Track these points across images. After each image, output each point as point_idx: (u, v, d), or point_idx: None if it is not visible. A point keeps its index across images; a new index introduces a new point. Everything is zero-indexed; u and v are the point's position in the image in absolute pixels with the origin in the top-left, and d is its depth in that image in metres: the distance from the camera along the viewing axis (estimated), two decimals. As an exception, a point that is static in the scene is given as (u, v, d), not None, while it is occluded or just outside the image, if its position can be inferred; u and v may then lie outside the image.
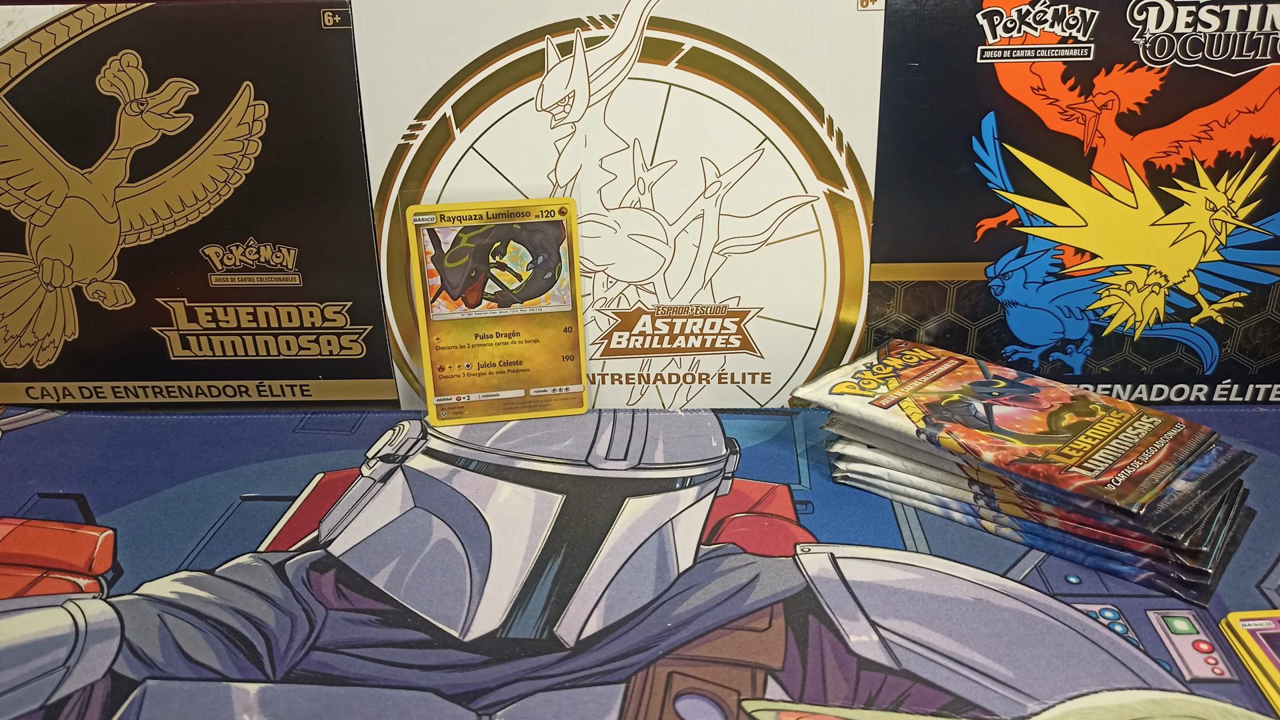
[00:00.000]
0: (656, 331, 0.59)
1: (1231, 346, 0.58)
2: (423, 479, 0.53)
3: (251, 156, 0.56)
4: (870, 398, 0.51)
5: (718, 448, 0.56)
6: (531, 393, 0.59)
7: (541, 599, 0.43)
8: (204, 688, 0.39)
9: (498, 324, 0.57)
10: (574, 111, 0.54)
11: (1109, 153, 0.54)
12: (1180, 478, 0.44)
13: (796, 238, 0.57)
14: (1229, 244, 0.56)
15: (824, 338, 0.59)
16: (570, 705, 0.37)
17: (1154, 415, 0.50)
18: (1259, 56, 0.52)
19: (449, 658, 0.40)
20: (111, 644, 0.41)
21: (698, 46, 0.53)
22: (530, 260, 0.56)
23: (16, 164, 0.56)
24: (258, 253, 0.57)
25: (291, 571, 0.46)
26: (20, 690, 0.38)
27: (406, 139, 0.55)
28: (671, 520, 0.49)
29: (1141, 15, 0.52)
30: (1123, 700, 0.37)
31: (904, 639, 0.40)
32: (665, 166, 0.55)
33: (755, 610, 0.42)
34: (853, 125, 0.54)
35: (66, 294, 0.58)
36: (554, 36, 0.53)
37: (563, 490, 0.52)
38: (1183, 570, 0.42)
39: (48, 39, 0.53)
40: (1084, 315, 0.58)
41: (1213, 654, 0.39)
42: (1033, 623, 0.41)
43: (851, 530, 0.48)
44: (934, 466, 0.49)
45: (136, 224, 0.57)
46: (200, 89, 0.54)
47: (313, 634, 0.41)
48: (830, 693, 0.38)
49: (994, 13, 0.52)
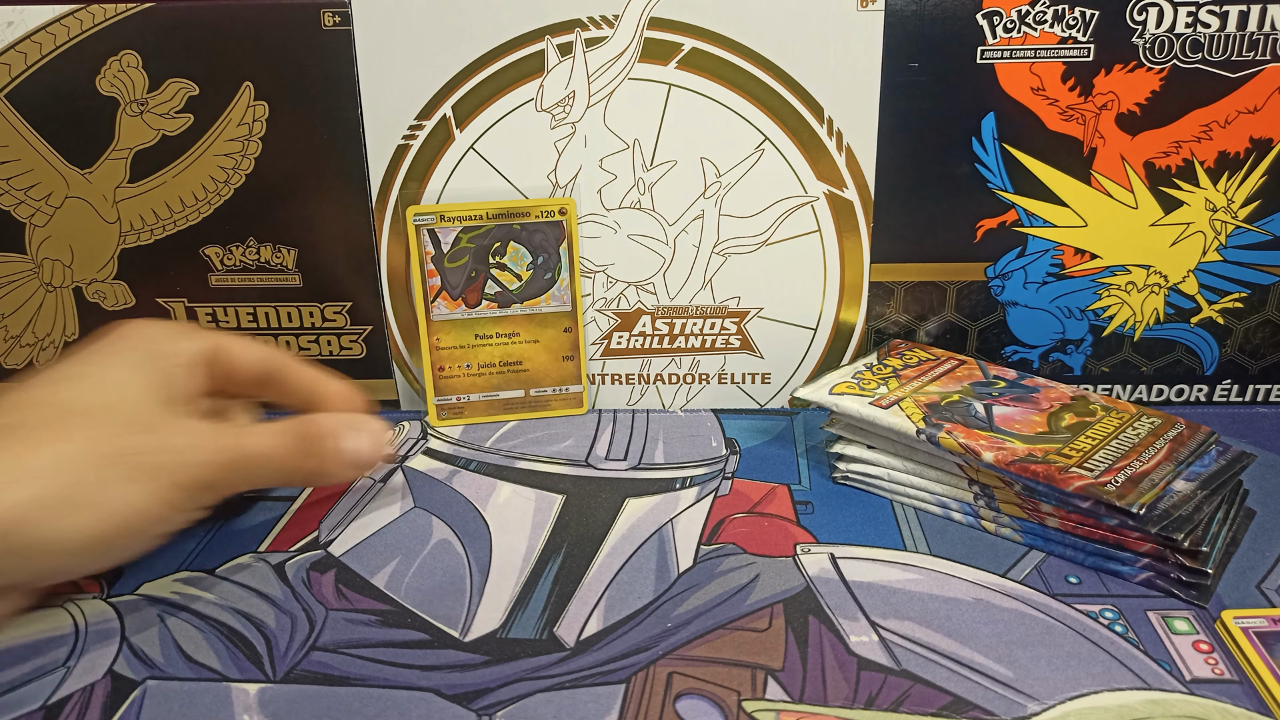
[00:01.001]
0: (656, 332, 0.59)
1: (1231, 347, 0.58)
2: (423, 479, 0.53)
3: (251, 156, 0.56)
4: (870, 398, 0.51)
5: (718, 448, 0.56)
6: (531, 393, 0.59)
7: (541, 599, 0.43)
8: (204, 688, 0.39)
9: (498, 324, 0.57)
10: (574, 112, 0.55)
11: (1109, 153, 0.54)
12: (1180, 478, 0.44)
13: (796, 238, 0.57)
14: (1229, 244, 0.56)
15: (824, 338, 0.59)
16: (570, 705, 0.37)
17: (1154, 415, 0.50)
18: (1259, 57, 0.52)
19: (449, 658, 0.40)
20: (111, 644, 0.41)
21: (698, 47, 0.53)
22: (530, 260, 0.56)
23: (16, 164, 0.56)
24: (258, 253, 0.57)
25: (291, 572, 0.46)
26: (20, 690, 0.38)
27: (406, 139, 0.55)
28: (671, 520, 0.49)
29: (1141, 16, 0.52)
30: (1123, 700, 0.37)
31: (904, 639, 0.40)
32: (665, 167, 0.55)
33: (755, 610, 0.42)
34: (853, 125, 0.54)
35: (66, 294, 0.58)
36: (554, 37, 0.53)
37: (563, 490, 0.52)
38: (1183, 570, 0.42)
39: (48, 39, 0.53)
40: (1084, 315, 0.58)
41: (1213, 654, 0.39)
42: (1033, 623, 0.41)
43: (851, 530, 0.48)
44: (934, 467, 0.49)
45: (136, 224, 0.57)
46: (200, 89, 0.54)
47: (313, 634, 0.41)
48: (830, 693, 0.38)
49: (994, 13, 0.52)
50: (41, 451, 0.37)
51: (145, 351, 0.43)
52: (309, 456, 0.44)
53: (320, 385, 0.49)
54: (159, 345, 0.43)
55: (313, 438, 0.44)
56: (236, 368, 0.46)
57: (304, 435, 0.44)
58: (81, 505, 0.37)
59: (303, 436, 0.44)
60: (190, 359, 0.44)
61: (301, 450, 0.44)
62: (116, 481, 0.38)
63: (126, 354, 0.43)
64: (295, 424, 0.44)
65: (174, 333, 0.45)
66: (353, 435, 0.45)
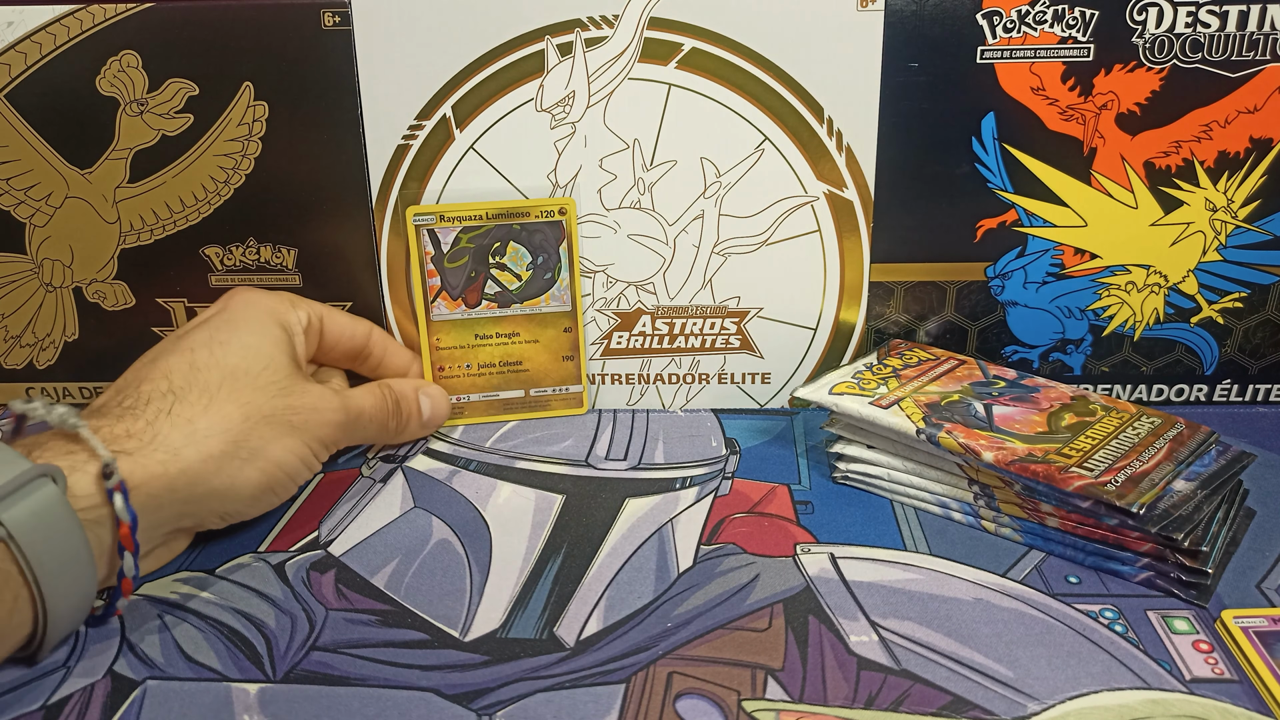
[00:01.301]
0: (656, 332, 0.59)
1: (1231, 346, 0.58)
2: (423, 479, 0.53)
3: (251, 157, 0.56)
4: (870, 398, 0.51)
5: (718, 448, 0.56)
6: (531, 393, 0.59)
7: (541, 599, 0.43)
8: (204, 688, 0.39)
9: (497, 324, 0.57)
10: (574, 112, 0.55)
11: (1109, 153, 0.54)
12: (1180, 478, 0.44)
13: (796, 238, 0.57)
14: (1229, 244, 0.56)
15: (824, 338, 0.59)
16: (570, 705, 0.37)
17: (1154, 415, 0.50)
18: (1259, 57, 0.52)
19: (449, 658, 0.40)
20: (111, 644, 0.41)
21: (698, 47, 0.53)
22: (530, 260, 0.56)
23: (16, 164, 0.56)
24: (258, 253, 0.57)
25: (291, 571, 0.46)
26: (20, 690, 0.38)
27: (406, 139, 0.55)
28: (671, 520, 0.49)
29: (1141, 15, 0.52)
30: (1123, 700, 0.37)
31: (904, 639, 0.40)
32: (665, 167, 0.55)
33: (755, 610, 0.42)
34: (853, 125, 0.54)
35: (66, 294, 0.58)
36: (554, 37, 0.53)
37: (563, 490, 0.52)
38: (1183, 570, 0.42)
39: (48, 39, 0.53)
40: (1084, 315, 0.58)
41: (1213, 654, 0.39)
42: (1033, 623, 0.41)
43: (851, 530, 0.48)
44: (934, 466, 0.49)
45: (136, 224, 0.57)
46: (200, 89, 0.54)
47: (313, 634, 0.41)
48: (830, 693, 0.38)
49: (994, 13, 0.52)
50: (211, 413, 0.43)
51: (271, 317, 0.49)
52: (396, 415, 0.53)
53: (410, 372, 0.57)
54: (281, 315, 0.49)
55: (398, 399, 0.53)
56: (335, 338, 0.53)
57: (390, 396, 0.53)
58: (248, 458, 0.44)
59: (389, 397, 0.53)
60: (301, 328, 0.50)
61: (390, 409, 0.52)
62: (276, 437, 0.45)
63: (258, 320, 0.48)
64: (383, 387, 0.53)
65: (288, 302, 0.51)
66: (426, 398, 0.55)
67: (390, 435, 0.54)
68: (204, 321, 0.48)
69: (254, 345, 0.46)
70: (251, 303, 0.49)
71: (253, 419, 0.44)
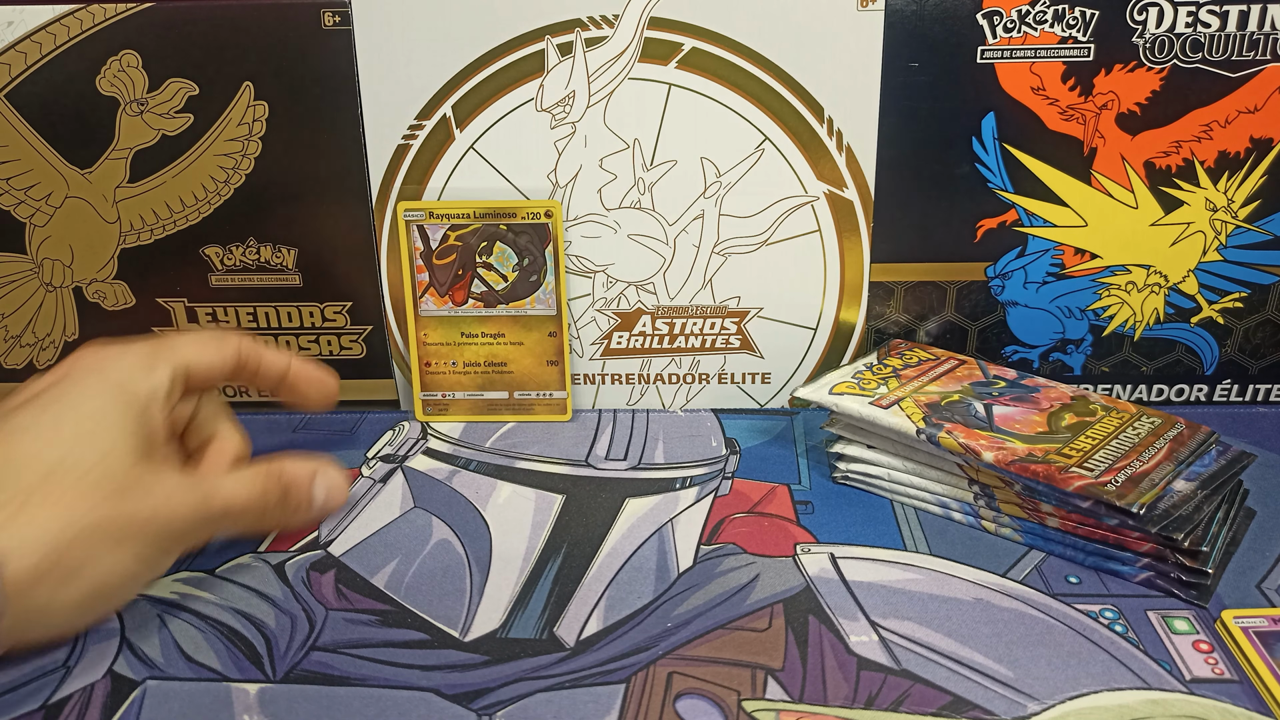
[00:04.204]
0: (656, 332, 0.59)
1: (1231, 346, 0.58)
2: (423, 479, 0.53)
3: (251, 156, 0.56)
4: (870, 398, 0.51)
5: (718, 448, 0.56)
6: (515, 395, 0.58)
7: (541, 599, 0.43)
8: (204, 688, 0.39)
9: (483, 324, 0.57)
10: (574, 112, 0.55)
11: (1109, 153, 0.54)
12: (1180, 478, 0.44)
13: (796, 238, 0.57)
14: (1229, 244, 0.56)
15: (824, 338, 0.59)
16: (570, 705, 0.37)
17: (1154, 415, 0.50)
18: (1259, 57, 0.52)
19: (449, 658, 0.40)
20: (111, 644, 0.41)
21: (698, 47, 0.53)
22: (516, 262, 0.56)
23: (16, 164, 0.56)
24: (258, 253, 0.57)
25: (291, 572, 0.46)
26: (20, 690, 0.38)
27: (406, 139, 0.55)
28: (671, 520, 0.49)
29: (1141, 15, 0.52)
30: (1123, 700, 0.37)
31: (904, 639, 0.40)
32: (665, 167, 0.55)
33: (755, 610, 0.42)
34: (853, 125, 0.54)
35: (66, 294, 0.58)
36: (554, 36, 0.53)
37: (563, 490, 0.52)
38: (1183, 570, 0.42)
39: (48, 39, 0.53)
40: (1084, 315, 0.58)
41: (1213, 654, 0.39)
42: (1033, 623, 0.41)
43: (851, 530, 0.48)
44: (934, 466, 0.49)
45: (136, 224, 0.57)
46: (200, 89, 0.54)
47: (313, 634, 0.41)
48: (830, 693, 0.38)
49: (994, 13, 0.52)
50: (22, 521, 0.37)
51: (117, 392, 0.41)
52: (280, 506, 0.45)
53: (290, 370, 0.49)
54: (131, 386, 0.42)
55: (282, 488, 0.45)
56: (205, 378, 0.46)
57: (274, 486, 0.45)
58: (70, 576, 0.38)
59: (273, 487, 0.45)
60: (163, 394, 0.43)
61: (273, 501, 0.45)
62: (103, 551, 0.38)
63: (99, 397, 0.41)
64: (265, 473, 0.44)
65: (142, 365, 0.43)
66: (321, 484, 0.47)
67: (271, 526, 0.48)
68: (35, 396, 0.41)
69: (88, 432, 0.39)
70: (95, 371, 0.42)
71: (71, 531, 0.37)
